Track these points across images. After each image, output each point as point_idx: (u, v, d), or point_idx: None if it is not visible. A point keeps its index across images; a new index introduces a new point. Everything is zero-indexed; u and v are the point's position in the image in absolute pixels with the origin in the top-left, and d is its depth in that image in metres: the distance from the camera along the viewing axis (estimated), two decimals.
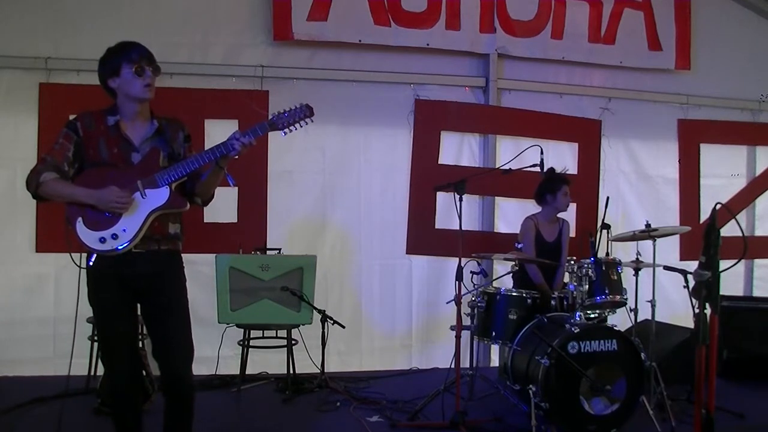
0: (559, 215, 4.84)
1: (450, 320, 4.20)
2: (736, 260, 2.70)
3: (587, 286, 4.04)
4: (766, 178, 6.18)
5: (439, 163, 5.43)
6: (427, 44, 5.37)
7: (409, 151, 5.38)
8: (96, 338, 4.18)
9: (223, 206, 4.74)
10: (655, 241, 4.26)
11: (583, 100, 5.76)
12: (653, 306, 4.20)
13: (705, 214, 5.70)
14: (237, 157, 2.79)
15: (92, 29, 4.70)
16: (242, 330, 4.56)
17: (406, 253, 5.39)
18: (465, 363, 4.30)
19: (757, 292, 6.14)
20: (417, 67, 5.42)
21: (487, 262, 4.78)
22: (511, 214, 5.46)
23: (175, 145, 2.88)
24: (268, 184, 5.09)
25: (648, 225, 4.30)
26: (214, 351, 4.58)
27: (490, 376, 4.62)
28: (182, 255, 2.96)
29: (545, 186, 4.73)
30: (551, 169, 4.71)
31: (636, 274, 4.29)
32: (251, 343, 4.61)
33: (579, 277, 4.07)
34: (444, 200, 5.26)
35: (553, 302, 4.28)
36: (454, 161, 5.50)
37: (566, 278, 4.48)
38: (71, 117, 2.84)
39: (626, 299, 4.15)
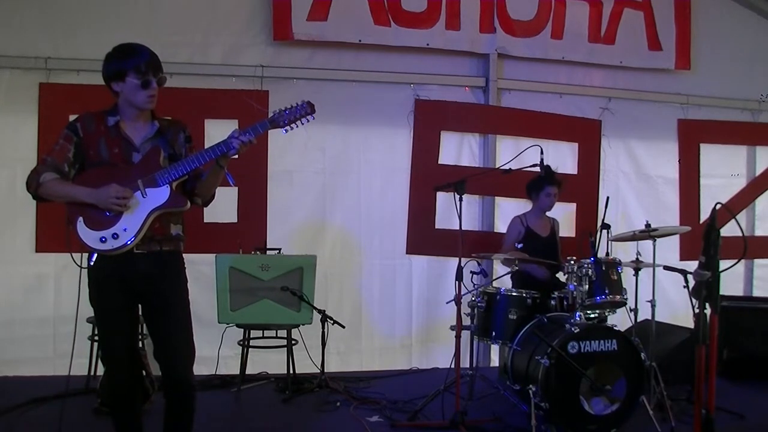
0: (549, 214, 4.87)
1: (450, 320, 4.20)
2: (736, 260, 2.70)
3: (587, 286, 4.04)
4: (766, 178, 6.18)
5: (439, 163, 5.43)
6: (427, 44, 5.37)
7: (409, 151, 5.38)
8: (96, 338, 4.19)
9: (223, 206, 4.73)
10: (655, 241, 4.26)
11: (583, 100, 5.76)
12: (653, 306, 4.20)
13: (705, 214, 5.70)
14: (237, 156, 2.79)
15: (92, 29, 4.71)
16: (242, 330, 4.56)
17: (406, 253, 5.39)
18: (465, 363, 4.30)
19: (757, 292, 6.14)
20: (417, 67, 5.42)
21: (487, 262, 4.79)
22: (511, 214, 5.41)
23: (176, 146, 2.87)
24: (268, 184, 5.09)
25: (648, 225, 4.29)
26: (214, 351, 4.58)
27: (490, 376, 4.62)
28: (183, 255, 2.95)
29: (532, 184, 4.78)
30: (546, 167, 4.72)
31: (636, 274, 4.29)
32: (251, 343, 4.60)
33: (579, 277, 4.07)
34: (444, 200, 5.26)
35: (552, 302, 4.29)
36: (454, 161, 5.50)
37: (566, 278, 4.48)
38: (72, 118, 2.84)
39: (626, 299, 4.15)
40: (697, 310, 2.63)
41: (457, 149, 5.55)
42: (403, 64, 5.39)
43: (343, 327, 4.49)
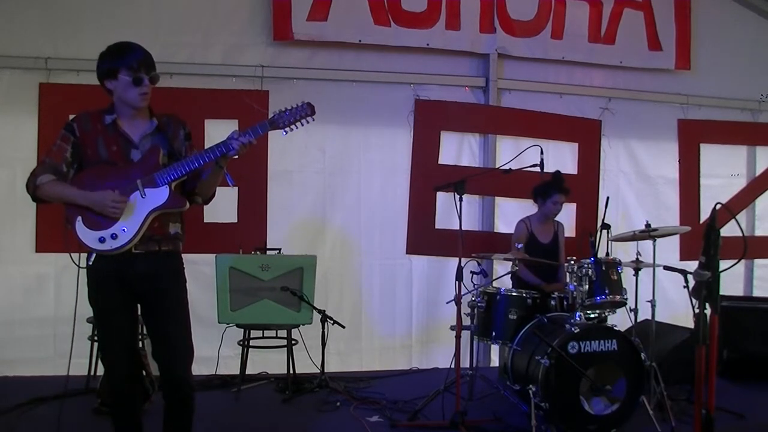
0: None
1: (450, 320, 4.20)
2: (736, 260, 2.70)
3: (587, 286, 4.04)
4: (766, 178, 6.18)
5: (439, 163, 5.43)
6: (427, 44, 5.37)
7: (409, 151, 5.38)
8: (96, 338, 4.19)
9: (223, 206, 4.74)
10: (655, 241, 4.26)
11: (583, 100, 5.76)
12: (653, 306, 4.20)
13: (705, 214, 5.70)
14: (237, 156, 2.79)
15: (92, 29, 4.70)
16: (242, 330, 4.56)
17: (406, 253, 5.39)
18: (465, 363, 4.30)
19: (757, 292, 6.14)
20: (417, 67, 5.42)
21: (487, 262, 4.79)
22: (511, 214, 5.45)
23: (175, 143, 2.87)
24: (268, 184, 5.09)
25: (648, 225, 4.29)
26: (214, 351, 4.58)
27: (490, 376, 4.62)
28: (182, 255, 2.95)
29: (539, 189, 4.79)
30: (556, 173, 4.73)
31: (636, 274, 4.29)
32: (251, 343, 4.61)
33: (579, 277, 4.07)
34: (444, 200, 5.26)
35: (552, 302, 4.29)
36: (454, 161, 5.50)
37: (566, 278, 4.48)
38: (70, 118, 2.84)
39: (626, 299, 4.15)
40: (697, 310, 2.63)
41: (457, 149, 5.55)
42: (403, 64, 5.39)
43: (343, 327, 4.50)
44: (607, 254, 4.44)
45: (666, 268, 3.49)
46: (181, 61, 4.93)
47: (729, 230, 2.82)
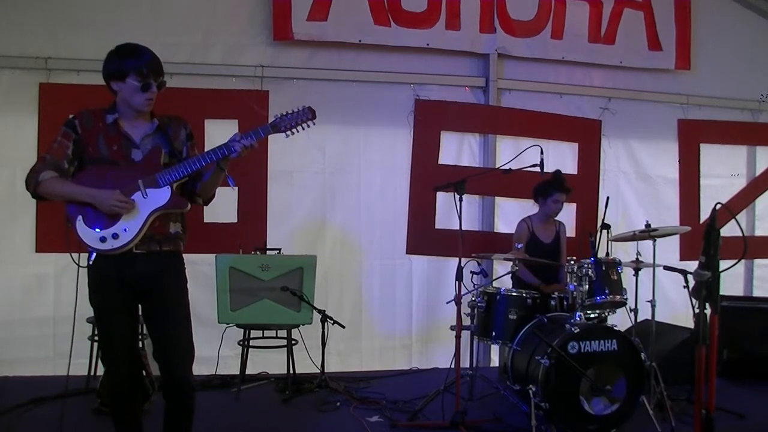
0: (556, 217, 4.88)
1: (450, 320, 4.20)
2: (736, 260, 2.70)
3: (587, 286, 4.04)
4: (766, 178, 6.18)
5: (439, 163, 5.43)
6: (427, 44, 5.37)
7: (409, 151, 5.38)
8: (96, 338, 4.19)
9: (223, 206, 4.74)
10: (655, 241, 4.26)
11: (583, 100, 5.76)
12: (653, 306, 4.20)
13: (705, 214, 5.70)
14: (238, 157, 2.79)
15: (92, 29, 4.71)
16: (242, 330, 4.56)
17: (406, 253, 5.39)
18: (465, 363, 4.30)
19: (757, 292, 6.14)
20: (417, 67, 5.42)
21: (487, 262, 4.79)
22: (511, 214, 5.45)
23: (176, 143, 2.87)
24: (268, 184, 5.09)
25: (648, 225, 4.30)
26: (214, 351, 4.57)
27: (490, 376, 4.62)
28: (183, 255, 2.95)
29: (540, 188, 4.79)
30: (556, 171, 4.74)
31: (636, 274, 4.29)
32: (251, 343, 4.61)
33: (579, 277, 4.07)
34: (444, 200, 5.26)
35: (552, 302, 4.29)
36: (454, 161, 5.50)
37: (567, 278, 4.48)
38: (70, 116, 2.83)
39: (626, 299, 4.15)
40: (697, 310, 2.63)
41: (457, 149, 5.55)
42: (403, 64, 5.39)
43: (343, 327, 4.49)
44: (607, 254, 4.43)
45: (666, 268, 3.49)
46: (181, 61, 4.92)
47: (729, 230, 2.82)
